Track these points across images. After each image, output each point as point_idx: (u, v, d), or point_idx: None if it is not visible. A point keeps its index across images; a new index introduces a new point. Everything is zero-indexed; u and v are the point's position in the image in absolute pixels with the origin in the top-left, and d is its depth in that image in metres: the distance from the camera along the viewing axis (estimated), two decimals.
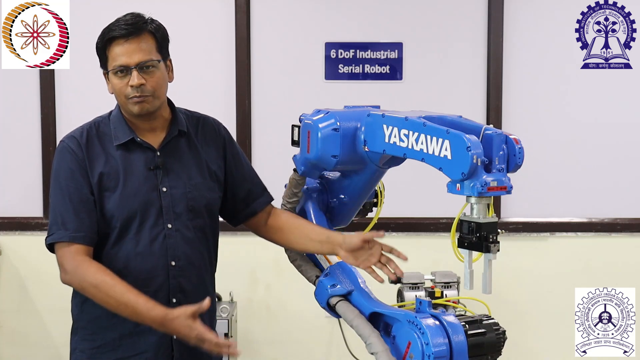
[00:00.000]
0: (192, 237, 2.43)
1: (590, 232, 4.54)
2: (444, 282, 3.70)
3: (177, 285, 2.40)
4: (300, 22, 4.50)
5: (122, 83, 2.36)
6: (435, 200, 4.26)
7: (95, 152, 2.39)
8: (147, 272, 2.37)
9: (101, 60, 2.42)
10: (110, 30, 2.38)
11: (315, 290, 2.59)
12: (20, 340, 4.53)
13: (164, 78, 2.42)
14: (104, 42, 2.38)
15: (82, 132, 2.43)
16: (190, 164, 2.46)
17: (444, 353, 2.19)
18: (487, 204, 2.17)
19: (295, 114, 2.67)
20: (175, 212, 2.40)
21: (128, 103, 2.38)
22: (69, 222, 2.35)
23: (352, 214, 2.71)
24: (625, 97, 4.54)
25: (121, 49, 2.35)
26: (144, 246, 2.37)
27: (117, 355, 2.41)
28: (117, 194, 2.36)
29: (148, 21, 2.41)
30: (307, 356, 4.53)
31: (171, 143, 2.45)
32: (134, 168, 2.39)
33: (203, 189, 2.46)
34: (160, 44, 2.41)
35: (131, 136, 2.41)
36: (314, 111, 2.56)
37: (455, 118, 2.30)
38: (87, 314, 2.42)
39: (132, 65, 2.34)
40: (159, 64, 2.39)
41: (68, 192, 2.36)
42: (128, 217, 2.36)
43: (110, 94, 2.45)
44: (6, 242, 4.51)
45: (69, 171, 2.37)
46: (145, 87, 2.35)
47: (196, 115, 2.58)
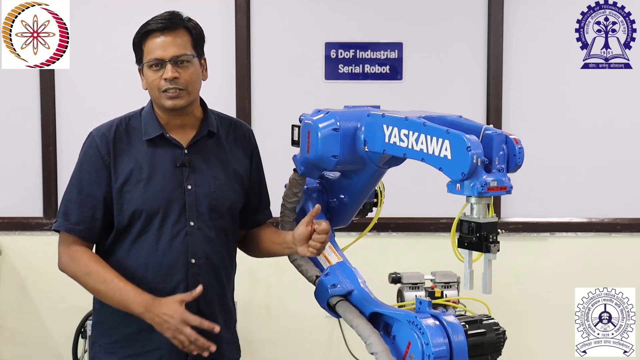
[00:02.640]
0: (213, 237, 2.44)
1: (590, 232, 4.54)
2: (444, 282, 3.70)
3: (196, 283, 2.40)
4: (300, 22, 4.50)
5: (156, 76, 2.37)
6: (435, 200, 4.27)
7: (122, 146, 2.42)
8: (166, 268, 2.39)
9: (137, 56, 2.44)
10: (147, 25, 2.40)
11: (315, 290, 2.59)
12: (20, 340, 4.54)
13: (198, 74, 2.43)
14: (141, 36, 2.40)
15: (111, 127, 2.45)
16: (216, 165, 2.47)
17: (444, 353, 2.19)
18: (487, 204, 2.17)
19: (295, 114, 2.67)
20: (198, 210, 2.41)
21: (161, 97, 2.39)
22: (71, 214, 2.40)
23: (352, 214, 2.70)
24: (625, 97, 4.54)
25: (157, 42, 2.37)
26: (165, 242, 2.39)
27: (132, 351, 2.42)
28: (141, 188, 2.38)
29: (185, 19, 2.43)
30: (307, 356, 4.53)
31: (200, 142, 2.46)
32: (161, 164, 2.41)
33: (227, 190, 2.47)
34: (195, 40, 2.43)
35: (160, 132, 2.42)
36: (314, 111, 2.56)
37: (455, 118, 2.30)
38: (106, 307, 2.44)
39: (166, 58, 2.36)
40: (193, 59, 2.40)
41: (80, 184, 2.41)
42: (151, 213, 2.38)
43: (144, 90, 2.46)
44: (6, 242, 4.51)
45: (87, 165, 2.41)
46: (179, 80, 2.36)
47: (229, 118, 2.59)
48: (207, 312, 2.43)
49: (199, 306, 2.41)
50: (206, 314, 2.42)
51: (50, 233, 4.47)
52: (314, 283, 2.62)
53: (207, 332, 2.38)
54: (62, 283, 4.75)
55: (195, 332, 2.30)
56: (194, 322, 2.29)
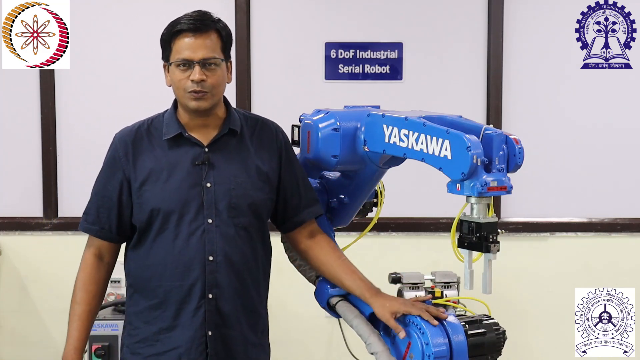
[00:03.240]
0: (233, 235, 2.42)
1: (590, 232, 4.54)
2: (444, 282, 3.69)
3: (214, 281, 2.39)
4: (300, 22, 4.50)
5: (183, 76, 2.37)
6: (435, 200, 4.27)
7: (142, 147, 2.44)
8: (183, 265, 2.39)
9: (164, 52, 2.44)
10: (178, 23, 2.40)
11: (315, 290, 2.59)
12: (20, 340, 4.53)
13: (224, 77, 2.44)
14: (171, 34, 2.40)
15: (132, 129, 2.49)
16: (237, 163, 2.45)
17: (444, 353, 2.19)
18: (487, 204, 2.17)
19: (295, 114, 2.67)
20: (217, 208, 2.40)
21: (185, 97, 2.39)
22: (89, 214, 2.49)
23: (352, 214, 2.71)
24: (625, 97, 4.54)
25: (187, 42, 2.37)
26: (182, 240, 2.39)
27: (154, 350, 2.43)
28: (159, 187, 2.40)
29: (216, 20, 2.44)
30: (307, 356, 4.53)
31: (221, 140, 2.46)
32: (179, 163, 2.42)
33: (248, 187, 2.44)
34: (224, 43, 2.44)
35: (179, 131, 2.43)
36: (314, 111, 2.57)
37: (455, 118, 2.31)
38: (134, 305, 2.48)
39: (195, 60, 2.36)
40: (221, 63, 2.41)
41: (99, 185, 2.48)
42: (168, 211, 2.39)
43: (168, 87, 2.47)
44: (6, 242, 4.51)
45: (106, 166, 2.48)
46: (205, 83, 2.37)
47: (255, 117, 2.58)
48: (225, 310, 2.41)
49: (217, 304, 2.39)
50: (224, 312, 2.41)
51: (51, 233, 4.48)
52: (314, 283, 2.62)
53: (227, 333, 2.40)
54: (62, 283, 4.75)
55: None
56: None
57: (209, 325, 2.38)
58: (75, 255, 4.52)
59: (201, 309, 2.38)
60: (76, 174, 4.48)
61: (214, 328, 2.39)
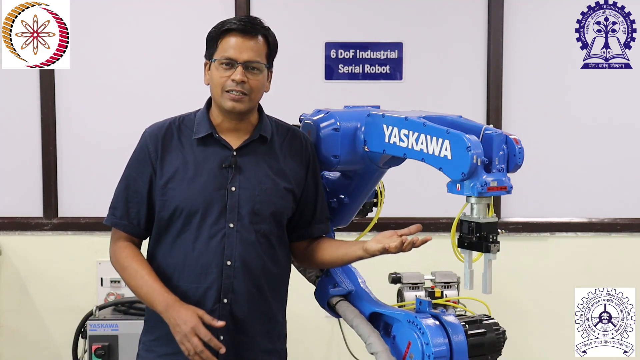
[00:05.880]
0: (253, 241, 2.41)
1: (590, 232, 4.54)
2: (444, 282, 3.70)
3: (229, 286, 2.39)
4: (300, 22, 4.50)
5: (224, 75, 2.37)
6: (435, 200, 4.27)
7: (172, 144, 2.43)
8: (201, 268, 2.39)
9: (208, 49, 2.44)
10: (228, 22, 2.41)
11: (315, 290, 2.59)
12: (20, 340, 4.53)
13: (264, 84, 2.44)
14: (219, 32, 2.41)
15: (163, 125, 2.47)
16: (264, 169, 2.44)
17: (444, 353, 2.19)
18: (487, 204, 2.17)
19: (295, 113, 2.67)
20: (239, 213, 2.39)
21: (223, 96, 2.39)
22: (118, 208, 2.46)
23: (352, 214, 2.71)
24: (625, 97, 4.54)
25: (234, 42, 2.37)
26: (202, 242, 2.39)
27: (168, 350, 2.42)
28: (184, 186, 2.39)
29: (266, 27, 2.45)
30: (307, 356, 4.52)
31: (250, 146, 2.45)
32: (207, 164, 2.41)
33: (273, 195, 2.43)
34: (270, 51, 2.44)
35: (210, 131, 2.43)
36: (314, 111, 2.57)
37: (455, 118, 2.31)
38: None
39: (239, 60, 2.36)
40: (264, 69, 2.41)
41: (127, 179, 2.45)
42: (191, 211, 2.38)
43: (205, 85, 2.46)
44: (6, 242, 4.50)
45: (136, 161, 2.45)
46: (245, 85, 2.37)
47: (287, 126, 2.57)
48: (239, 315, 2.41)
49: (231, 309, 2.39)
50: (238, 318, 2.41)
51: (51, 233, 4.48)
52: (314, 283, 2.63)
53: (239, 338, 2.40)
54: (62, 283, 4.75)
55: (202, 344, 2.28)
56: (204, 337, 2.28)
57: (221, 330, 2.36)
58: (75, 255, 4.53)
59: (215, 312, 2.37)
60: (76, 174, 4.48)
61: (226, 333, 2.38)
